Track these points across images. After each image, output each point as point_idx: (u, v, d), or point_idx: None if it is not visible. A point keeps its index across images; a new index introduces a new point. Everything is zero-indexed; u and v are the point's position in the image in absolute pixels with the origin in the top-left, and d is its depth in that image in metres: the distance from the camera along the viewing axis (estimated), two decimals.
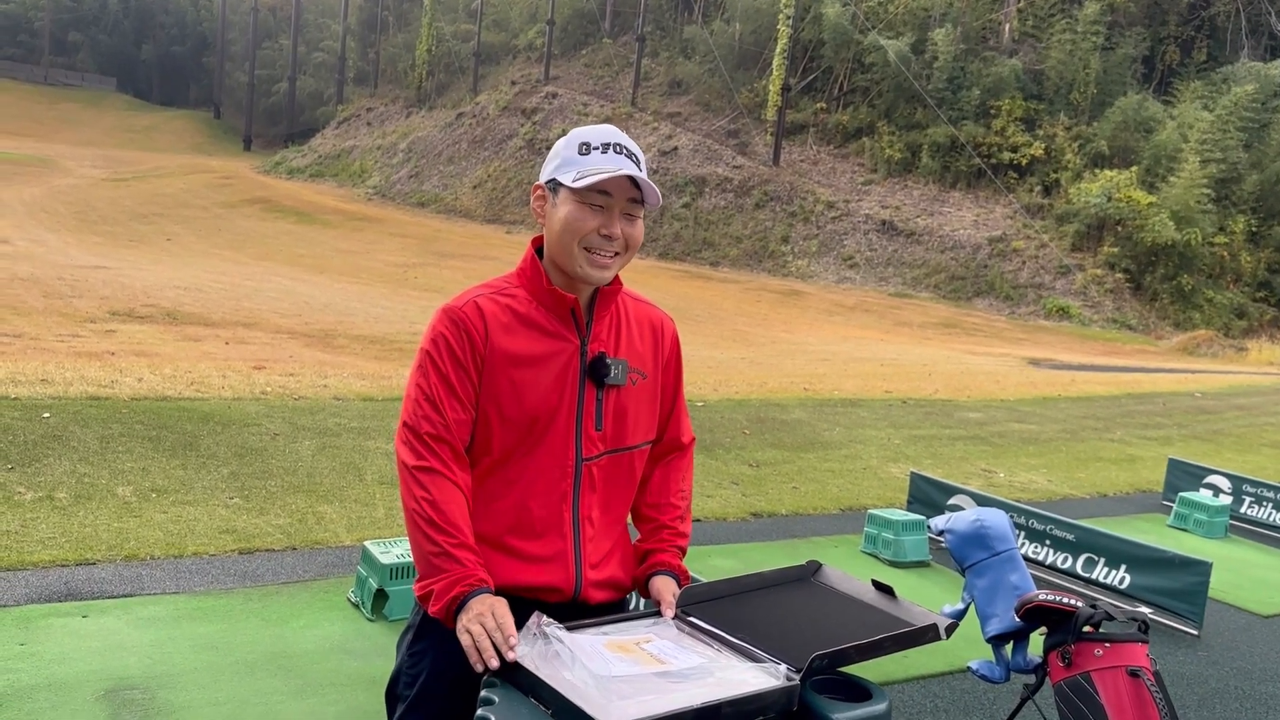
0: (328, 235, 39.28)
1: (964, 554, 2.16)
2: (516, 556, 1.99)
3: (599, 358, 2.02)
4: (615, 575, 2.12)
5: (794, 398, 12.01)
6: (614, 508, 2.12)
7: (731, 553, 6.21)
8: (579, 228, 1.96)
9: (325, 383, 9.52)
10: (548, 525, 2.01)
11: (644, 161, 2.02)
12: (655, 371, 2.16)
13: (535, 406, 1.98)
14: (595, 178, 1.93)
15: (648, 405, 2.15)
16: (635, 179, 1.96)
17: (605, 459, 2.06)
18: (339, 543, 5.55)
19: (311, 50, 73.84)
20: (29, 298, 16.14)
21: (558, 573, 2.02)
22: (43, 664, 3.76)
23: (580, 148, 1.98)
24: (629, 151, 1.99)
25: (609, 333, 2.07)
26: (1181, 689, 4.73)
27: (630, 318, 2.14)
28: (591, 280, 2.00)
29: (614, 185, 1.96)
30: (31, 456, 6.07)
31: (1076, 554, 6.26)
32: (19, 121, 70.63)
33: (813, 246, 42.14)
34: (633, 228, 2.01)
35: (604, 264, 1.99)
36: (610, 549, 2.12)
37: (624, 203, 1.99)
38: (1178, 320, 36.10)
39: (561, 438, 2.00)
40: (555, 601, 1.99)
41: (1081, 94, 42.42)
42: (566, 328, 2.02)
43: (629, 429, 2.10)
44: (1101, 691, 1.89)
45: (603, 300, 2.07)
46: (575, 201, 1.97)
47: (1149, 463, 10.85)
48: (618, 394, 2.06)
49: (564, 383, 2.00)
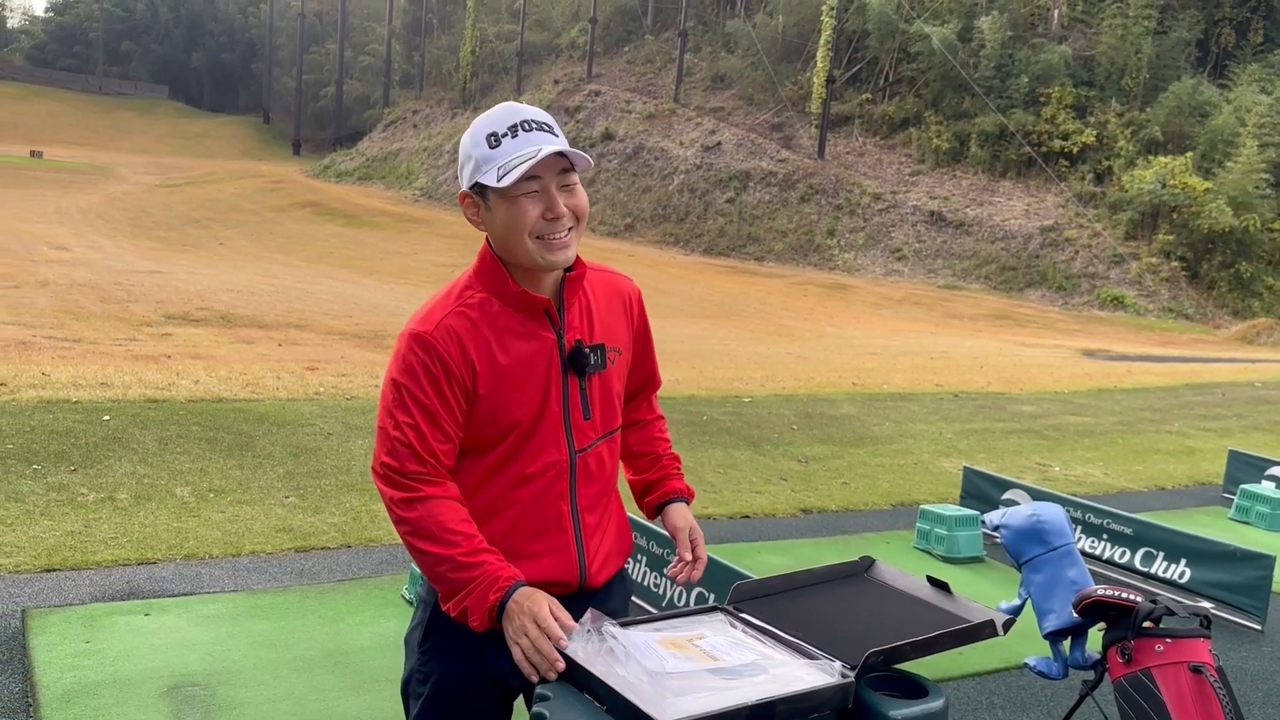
0: (376, 237, 39.73)
1: (1020, 549, 2.13)
2: (519, 556, 1.94)
3: (576, 347, 1.96)
4: (613, 546, 2.11)
5: (842, 392, 11.92)
6: (608, 487, 2.10)
7: (782, 549, 6.19)
8: (524, 222, 1.86)
9: (376, 382, 9.63)
10: (548, 523, 1.98)
11: (555, 125, 1.91)
12: (628, 342, 2.12)
13: (522, 411, 1.92)
14: (521, 168, 1.82)
15: (624, 379, 2.13)
16: (558, 150, 1.84)
17: (599, 444, 2.03)
18: (392, 540, 5.61)
19: (358, 54, 74.69)
20: (87, 303, 16.51)
21: (561, 567, 1.99)
22: (107, 661, 3.85)
23: (489, 141, 1.86)
24: (538, 123, 1.87)
25: (581, 318, 2.00)
26: (1245, 685, 4.63)
27: (597, 294, 2.06)
28: (556, 265, 1.90)
29: (540, 166, 1.84)
30: (93, 458, 6.22)
31: (1135, 548, 6.15)
32: (76, 130, 72.35)
33: (859, 239, 41.81)
34: (574, 198, 1.90)
35: (562, 244, 1.89)
36: (607, 524, 2.10)
37: (556, 176, 1.87)
38: (1236, 308, 35.30)
39: (552, 435, 1.96)
40: (561, 594, 1.93)
41: (1134, 79, 41.60)
42: (540, 325, 1.95)
43: (615, 409, 2.08)
44: (1163, 688, 1.86)
45: (570, 287, 1.99)
46: (508, 199, 1.86)
47: (1208, 454, 10.62)
48: (600, 378, 2.02)
49: (547, 381, 1.94)
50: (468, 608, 1.83)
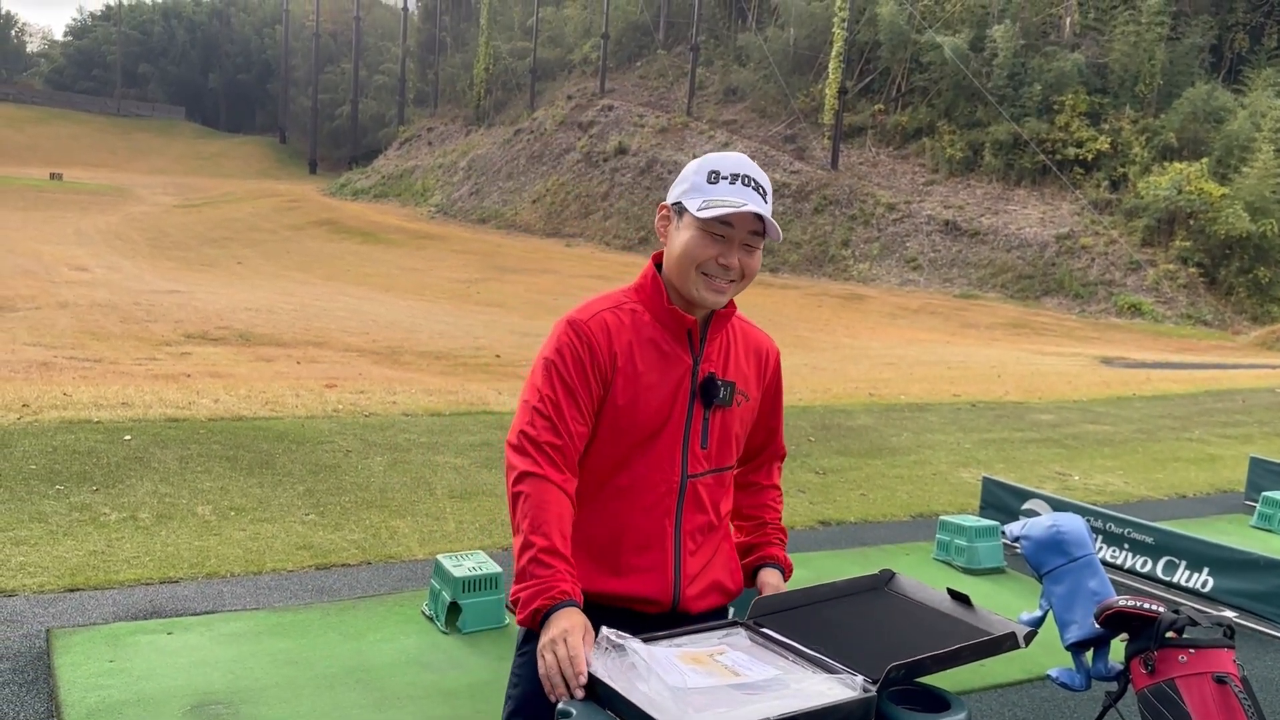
0: (392, 254, 39.93)
1: (1041, 560, 2.13)
2: (617, 566, 2.04)
3: (710, 378, 2.07)
4: (718, 579, 2.16)
5: (859, 403, 11.90)
6: (716, 521, 2.17)
7: (801, 561, 6.13)
8: (698, 255, 2.01)
9: (394, 399, 9.68)
10: (650, 538, 2.06)
11: (770, 194, 2.06)
12: (756, 394, 2.22)
13: (647, 422, 2.03)
14: (720, 210, 1.97)
15: (746, 427, 2.22)
16: (759, 214, 1.99)
17: (709, 477, 2.11)
18: (412, 556, 5.63)
19: (372, 73, 75.26)
20: (107, 323, 16.66)
21: (655, 584, 2.05)
22: (131, 680, 3.87)
23: (710, 175, 2.02)
24: (756, 184, 2.02)
25: (719, 354, 2.12)
26: (1271, 695, 4.59)
27: (738, 341, 2.19)
28: (706, 304, 2.05)
29: (737, 218, 1.99)
30: (115, 478, 6.27)
31: (1157, 557, 6.10)
32: (95, 152, 73.11)
33: (874, 249, 41.75)
34: (750, 258, 2.05)
35: (719, 289, 2.03)
36: (711, 558, 2.16)
37: (745, 234, 2.02)
38: (1255, 314, 35.04)
39: (668, 453, 2.05)
40: (654, 613, 2.03)
41: (1147, 86, 41.46)
42: (681, 347, 2.07)
43: (731, 449, 2.16)
44: (1187, 699, 1.85)
45: (717, 322, 2.11)
46: (697, 229, 2.00)
47: (1229, 462, 10.54)
48: (723, 415, 2.11)
49: (675, 400, 2.05)
50: (521, 599, 1.89)
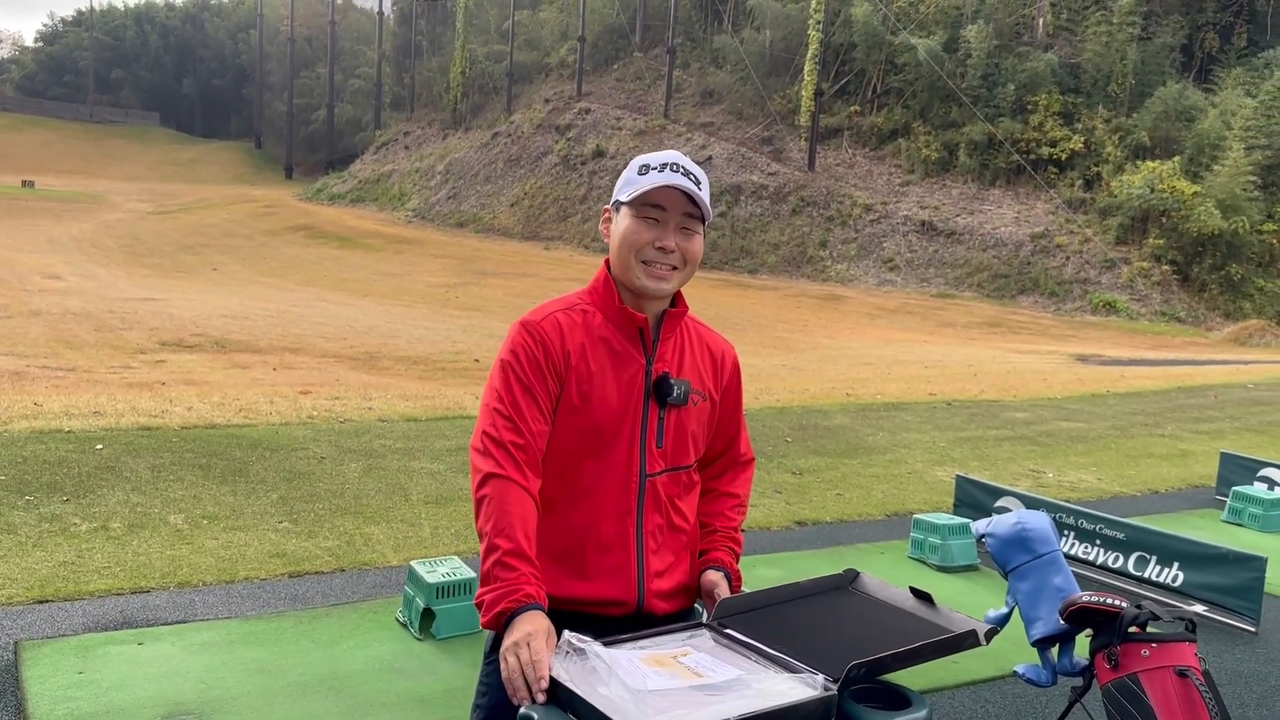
0: (370, 259, 39.79)
1: (1006, 557, 2.14)
2: (580, 569, 2.04)
3: (663, 377, 2.08)
4: (683, 582, 2.17)
5: (836, 403, 11.94)
6: (678, 521, 2.17)
7: (776, 562, 6.19)
8: (635, 241, 2.04)
9: (370, 405, 9.64)
10: (612, 539, 2.06)
11: (705, 183, 2.08)
12: (714, 395, 2.23)
13: (603, 421, 2.04)
14: (646, 187, 2.02)
15: (705, 428, 2.22)
16: (688, 193, 2.01)
17: (666, 475, 2.12)
18: (386, 563, 5.61)
19: (348, 78, 75.00)
20: (81, 331, 16.52)
21: (619, 585, 2.05)
22: (101, 691, 3.84)
23: (640, 169, 2.07)
24: (685, 170, 2.05)
25: (673, 354, 2.14)
26: (1240, 687, 4.63)
27: (693, 342, 2.21)
28: (650, 292, 2.06)
29: (668, 200, 2.03)
30: (86, 488, 6.21)
31: (1128, 553, 6.16)
32: (68, 159, 72.50)
33: (851, 250, 41.93)
34: (689, 242, 2.07)
35: (661, 276, 2.05)
36: (674, 561, 2.16)
37: (679, 217, 2.05)
38: (1228, 310, 35.43)
39: (625, 453, 2.06)
40: (619, 615, 2.04)
41: (1120, 85, 41.87)
42: (634, 346, 2.09)
43: (687, 448, 2.16)
44: (1150, 693, 1.87)
45: (669, 322, 2.13)
46: (631, 216, 2.05)
47: (1201, 457, 10.64)
48: (679, 414, 2.12)
49: (629, 399, 2.06)
50: (485, 602, 1.88)
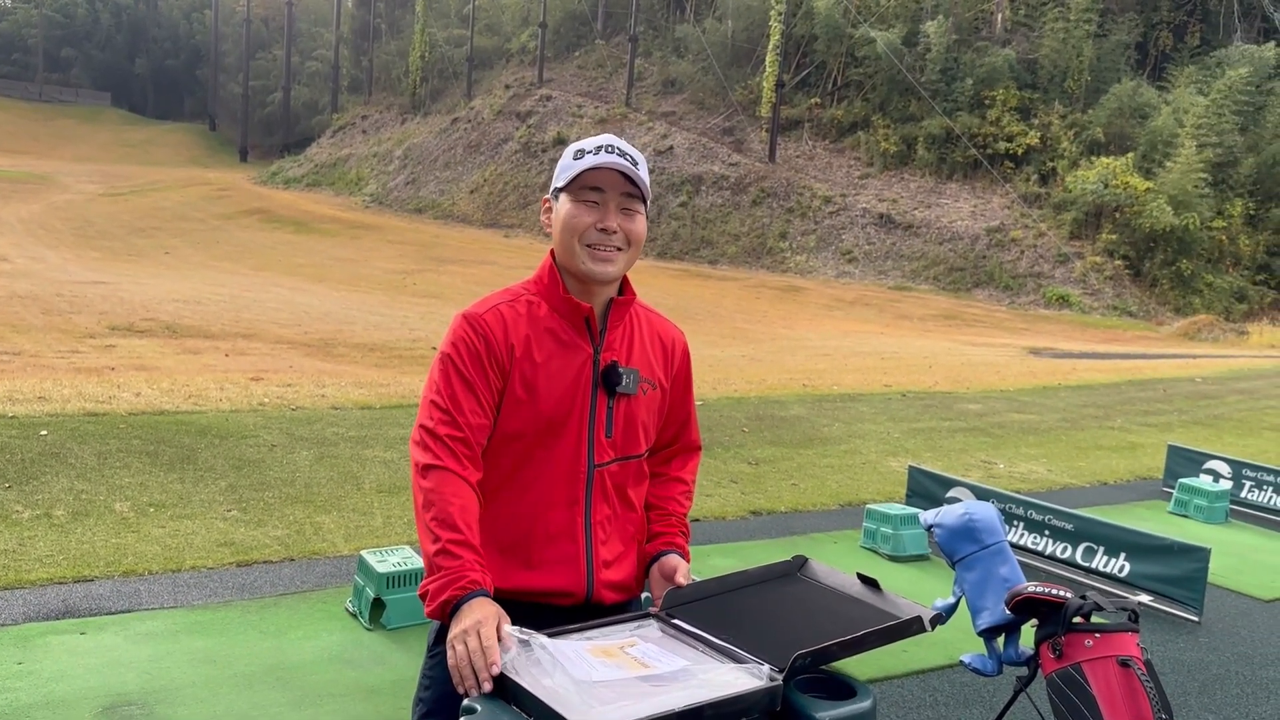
0: (326, 244, 39.33)
1: (953, 548, 2.16)
2: (528, 560, 2.02)
3: (611, 366, 2.05)
4: (632, 571, 2.16)
5: (793, 394, 12.00)
6: (626, 512, 2.15)
7: (731, 551, 6.21)
8: (575, 224, 2.01)
9: (323, 392, 9.52)
10: (560, 530, 2.04)
11: (642, 163, 2.05)
12: (663, 383, 2.20)
13: (550, 412, 2.01)
14: (581, 167, 1.99)
15: (655, 416, 2.20)
16: (625, 173, 1.99)
17: (615, 465, 2.10)
18: (336, 553, 5.55)
19: (305, 60, 73.90)
20: (28, 315, 16.17)
21: (569, 576, 2.04)
22: (41, 682, 3.76)
23: (575, 154, 2.04)
24: (621, 151, 2.02)
25: (621, 342, 2.11)
26: (1183, 676, 4.72)
27: (642, 329, 2.18)
28: (595, 276, 2.02)
29: (605, 181, 2.00)
30: (29, 474, 6.08)
31: (1076, 543, 6.24)
32: (16, 139, 70.80)
33: (811, 242, 42.14)
34: (631, 223, 2.04)
35: (606, 258, 2.02)
36: (623, 551, 2.14)
37: (619, 198, 2.02)
38: (1178, 305, 36.08)
39: (574, 444, 2.03)
40: (568, 605, 2.02)
41: (1075, 82, 42.40)
42: (581, 336, 2.05)
43: (638, 437, 2.13)
44: (1092, 682, 1.89)
45: (616, 310, 2.10)
46: (571, 201, 2.02)
47: (1149, 449, 10.83)
48: (628, 403, 2.09)
49: (577, 389, 2.03)
50: (429, 592, 1.86)
